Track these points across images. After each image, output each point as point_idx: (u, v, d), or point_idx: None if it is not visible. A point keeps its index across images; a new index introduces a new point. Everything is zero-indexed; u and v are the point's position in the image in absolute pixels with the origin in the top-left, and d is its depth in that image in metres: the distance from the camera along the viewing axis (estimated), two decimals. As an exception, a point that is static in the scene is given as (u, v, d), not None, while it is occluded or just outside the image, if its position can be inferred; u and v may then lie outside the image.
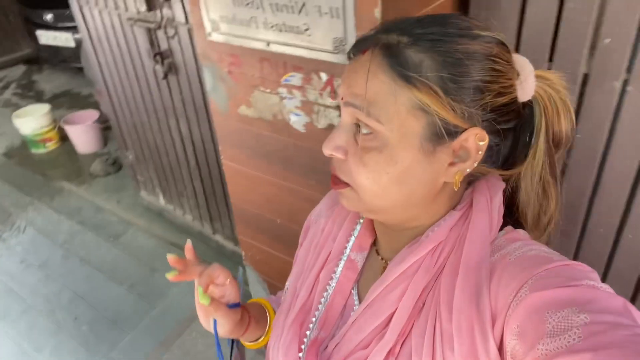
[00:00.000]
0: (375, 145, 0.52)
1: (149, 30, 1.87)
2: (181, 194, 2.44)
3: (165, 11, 1.74)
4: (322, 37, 1.00)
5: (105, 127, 3.61)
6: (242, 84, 1.22)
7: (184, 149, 2.18)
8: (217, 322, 0.68)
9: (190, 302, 2.17)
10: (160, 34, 1.85)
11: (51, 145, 3.61)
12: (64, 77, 4.96)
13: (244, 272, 0.84)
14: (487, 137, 0.52)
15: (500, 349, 0.48)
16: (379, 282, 0.57)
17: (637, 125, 1.04)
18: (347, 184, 0.56)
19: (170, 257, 0.66)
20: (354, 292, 0.65)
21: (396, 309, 0.55)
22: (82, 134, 3.46)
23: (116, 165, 3.31)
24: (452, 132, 0.51)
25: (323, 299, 0.65)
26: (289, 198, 1.35)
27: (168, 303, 2.26)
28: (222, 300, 0.69)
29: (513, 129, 0.57)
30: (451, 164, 0.53)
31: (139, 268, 2.49)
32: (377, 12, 0.91)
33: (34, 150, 3.60)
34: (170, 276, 0.66)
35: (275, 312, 0.81)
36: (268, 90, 1.18)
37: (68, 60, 4.62)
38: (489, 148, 0.54)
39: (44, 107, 3.61)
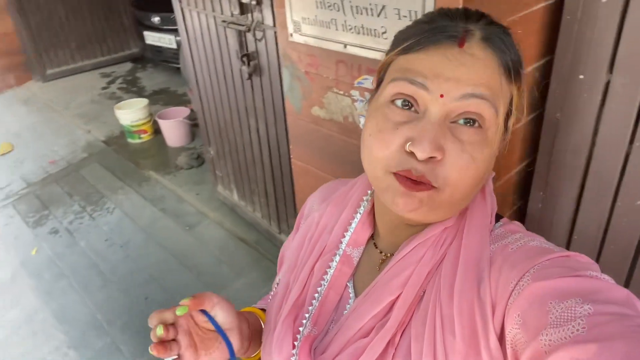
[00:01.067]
0: (482, 139, 0.51)
1: (239, 33, 1.97)
2: (253, 191, 2.53)
3: (256, 15, 1.83)
4: (398, 41, 0.99)
5: (194, 124, 3.84)
6: (317, 85, 1.25)
7: (260, 149, 2.27)
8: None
9: (250, 296, 2.23)
10: (249, 36, 1.94)
11: (145, 137, 3.92)
12: (163, 75, 5.37)
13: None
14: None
15: (501, 338, 0.47)
16: (389, 265, 0.58)
17: None
18: (431, 187, 0.51)
19: (184, 302, 0.59)
20: (350, 285, 0.64)
21: (399, 296, 0.55)
22: (173, 129, 3.72)
23: (199, 159, 3.51)
24: (507, 117, 0.55)
25: (317, 294, 0.64)
26: (352, 202, 1.34)
27: (229, 295, 2.34)
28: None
29: None
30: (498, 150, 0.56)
31: (208, 258, 2.61)
32: (457, 17, 0.89)
33: (130, 140, 3.92)
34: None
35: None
36: (341, 92, 1.19)
37: (169, 60, 5.01)
38: None
39: (143, 102, 3.93)
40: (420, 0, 0.92)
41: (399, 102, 0.53)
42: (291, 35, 1.24)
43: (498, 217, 0.60)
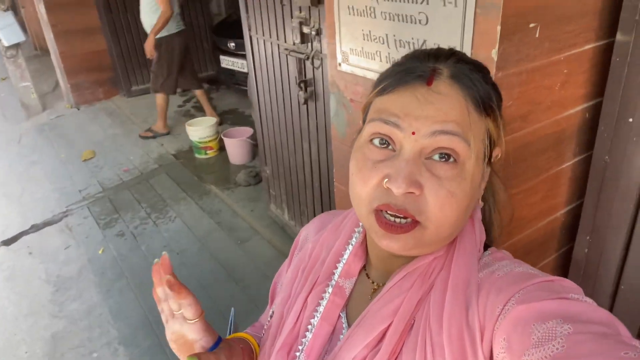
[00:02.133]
0: (458, 173, 0.52)
1: (299, 60, 2.08)
2: (303, 212, 2.60)
3: (315, 44, 1.93)
4: (436, 74, 1.02)
5: (255, 144, 4.01)
6: (360, 113, 1.29)
7: (311, 171, 2.34)
8: None
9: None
10: (307, 64, 2.04)
11: (211, 153, 4.14)
12: (234, 97, 5.67)
13: (235, 313, 0.84)
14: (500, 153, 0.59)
15: None
16: (380, 295, 0.59)
17: None
18: (412, 225, 0.52)
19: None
20: (343, 315, 0.65)
21: (390, 324, 0.55)
22: (236, 147, 3.91)
23: (257, 178, 3.65)
24: (490, 156, 0.58)
25: (310, 325, 0.64)
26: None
27: (272, 311, 2.39)
28: (198, 344, 0.66)
29: None
30: (482, 182, 0.59)
31: (255, 273, 2.70)
32: (494, 53, 0.90)
33: (197, 155, 4.16)
34: None
35: (259, 344, 0.77)
36: (382, 121, 1.23)
37: (240, 83, 5.29)
38: None
39: (212, 120, 4.17)
40: (459, 35, 0.95)
41: (376, 141, 0.55)
42: (339, 64, 1.30)
43: (487, 247, 0.61)
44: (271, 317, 0.73)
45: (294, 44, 2.08)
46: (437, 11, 0.98)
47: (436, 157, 0.52)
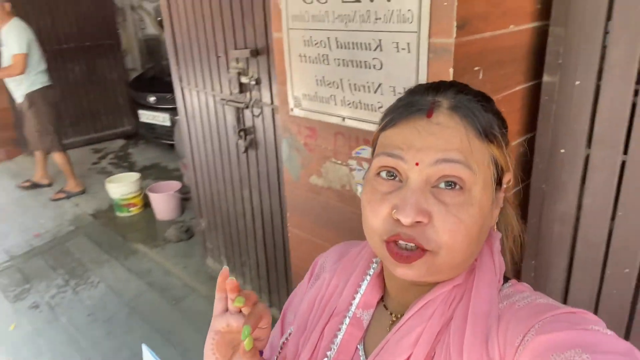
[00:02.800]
0: (466, 200, 0.53)
1: (237, 109, 2.08)
2: (244, 263, 2.52)
3: (254, 93, 1.95)
4: (394, 114, 1.08)
5: (184, 198, 3.87)
6: (315, 155, 1.31)
7: (252, 220, 2.29)
8: None
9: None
10: (247, 112, 2.05)
11: (134, 210, 3.91)
12: (155, 151, 5.48)
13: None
14: (512, 179, 0.60)
15: None
16: (398, 325, 0.58)
17: None
18: (423, 252, 0.53)
19: (230, 282, 0.58)
20: (360, 348, 0.64)
21: (411, 354, 0.55)
22: (163, 202, 3.74)
23: (188, 232, 3.49)
24: (500, 181, 0.59)
25: (326, 358, 0.64)
26: (349, 269, 1.36)
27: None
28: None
29: None
30: (495, 208, 0.60)
31: (195, 333, 2.52)
32: (448, 94, 0.98)
33: (119, 213, 3.91)
34: (239, 304, 0.57)
35: None
36: (339, 162, 1.26)
37: (161, 137, 5.15)
38: None
39: (135, 176, 3.98)
40: (414, 78, 1.02)
41: (384, 174, 0.57)
42: (292, 109, 1.33)
43: (506, 279, 0.61)
44: (287, 338, 0.72)
45: (231, 93, 2.08)
46: (391, 57, 1.04)
47: (442, 185, 0.54)
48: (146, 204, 3.94)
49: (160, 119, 4.99)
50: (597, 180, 1.14)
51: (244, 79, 1.95)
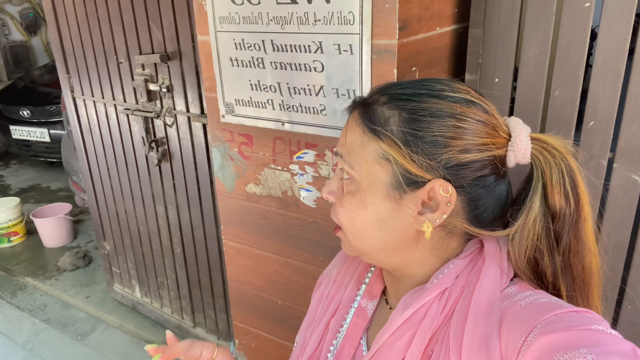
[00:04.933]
0: (351, 189, 0.59)
1: (146, 119, 1.93)
2: (162, 284, 2.34)
3: (166, 101, 1.82)
4: (339, 117, 1.08)
5: (76, 220, 3.50)
6: (252, 163, 1.26)
7: (169, 237, 2.14)
8: None
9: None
10: (158, 122, 1.91)
11: (16, 239, 3.44)
12: (32, 171, 4.88)
13: (236, 344, 0.88)
14: (451, 190, 0.54)
15: None
16: (383, 330, 0.58)
17: (623, 200, 1.14)
18: (339, 228, 0.62)
19: (149, 348, 0.72)
20: (363, 341, 0.65)
21: (403, 358, 0.55)
22: (52, 227, 3.34)
23: (86, 258, 3.16)
24: (416, 182, 0.55)
25: (332, 347, 0.65)
26: (293, 276, 1.33)
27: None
28: None
29: (494, 188, 0.57)
30: (420, 214, 0.56)
31: (110, 369, 2.29)
32: (391, 94, 1.00)
33: (-3, 245, 3.41)
34: (149, 349, 0.72)
35: None
36: (279, 168, 1.22)
37: (39, 155, 4.60)
38: (468, 203, 0.56)
39: (13, 200, 3.49)
40: (357, 79, 1.02)
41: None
42: (223, 116, 1.26)
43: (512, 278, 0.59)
44: (295, 345, 0.75)
45: (137, 102, 1.92)
46: (333, 59, 1.04)
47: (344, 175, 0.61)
48: (30, 231, 3.50)
49: (37, 134, 4.46)
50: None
51: (152, 86, 1.81)
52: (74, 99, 2.23)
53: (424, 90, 0.56)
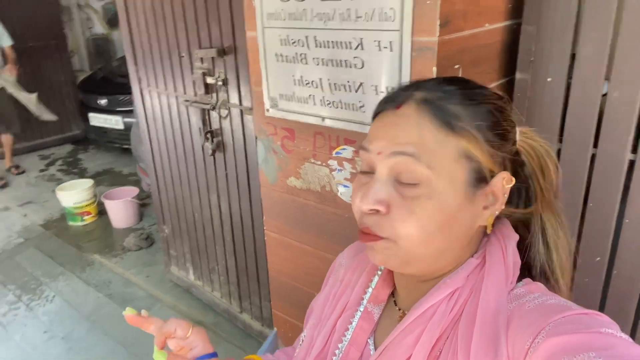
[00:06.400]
0: (423, 193, 0.53)
1: (203, 111, 2.02)
2: (212, 270, 2.45)
3: (221, 94, 1.90)
4: (376, 113, 1.07)
5: (142, 204, 3.73)
6: (293, 156, 1.29)
7: (221, 225, 2.23)
8: None
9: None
10: (213, 114, 1.99)
11: (88, 219, 3.73)
12: (108, 156, 5.25)
13: (275, 334, 0.87)
14: (513, 180, 0.57)
15: None
16: (396, 328, 0.58)
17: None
18: (379, 237, 0.55)
19: (128, 314, 0.72)
20: (370, 342, 0.65)
21: (411, 355, 0.55)
22: (120, 209, 3.58)
23: (149, 240, 3.37)
24: (488, 177, 0.56)
25: (338, 350, 0.65)
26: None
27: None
28: (190, 354, 0.72)
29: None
30: (485, 207, 0.57)
31: (162, 345, 2.43)
32: (431, 92, 0.98)
33: (71, 223, 3.71)
34: (127, 314, 0.72)
35: None
36: (319, 163, 1.24)
37: (114, 141, 4.94)
38: (512, 190, 0.59)
39: (87, 182, 3.79)
40: (396, 77, 1.01)
41: (364, 169, 0.59)
42: (268, 110, 1.30)
43: (520, 278, 0.59)
44: (302, 342, 0.73)
45: (196, 94, 2.02)
46: (373, 56, 1.04)
47: (403, 178, 0.54)
48: (101, 212, 3.77)
49: (112, 122, 4.79)
50: (567, 175, 1.18)
51: (209, 80, 1.89)
52: (140, 90, 2.38)
53: (471, 86, 0.59)
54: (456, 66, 1.04)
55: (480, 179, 0.56)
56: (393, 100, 0.58)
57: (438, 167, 0.53)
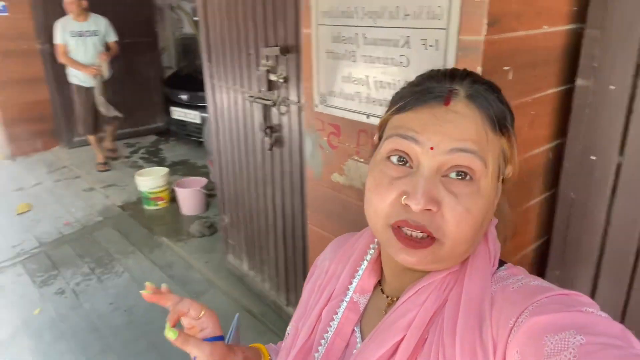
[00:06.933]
0: (474, 191, 0.53)
1: (264, 107, 2.10)
2: (264, 261, 2.53)
3: (282, 91, 1.96)
4: (419, 113, 1.06)
5: (209, 195, 3.93)
6: (338, 152, 1.31)
7: (274, 218, 2.30)
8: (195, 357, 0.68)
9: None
10: (274, 110, 2.06)
11: (161, 204, 3.99)
12: (185, 148, 5.58)
13: (238, 318, 0.87)
14: (511, 173, 0.60)
15: None
16: (391, 310, 0.59)
17: None
18: (432, 240, 0.53)
19: (147, 289, 0.74)
20: (357, 330, 0.65)
21: (403, 337, 0.55)
22: (189, 197, 3.80)
23: (212, 228, 3.54)
24: (505, 173, 0.59)
25: (323, 340, 0.65)
26: (367, 269, 1.35)
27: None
28: (200, 334, 0.73)
29: None
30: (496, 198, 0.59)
31: (212, 328, 2.54)
32: (475, 93, 0.95)
33: (146, 207, 3.99)
34: (145, 294, 0.73)
35: (269, 356, 0.81)
36: (361, 160, 1.25)
37: (191, 134, 5.25)
38: None
39: (163, 170, 4.06)
40: (441, 77, 1.00)
41: (394, 159, 0.56)
42: (316, 106, 1.33)
43: (502, 263, 0.61)
44: (287, 334, 0.74)
45: (259, 91, 2.10)
46: (418, 54, 1.03)
47: (453, 174, 0.53)
48: (173, 199, 4.02)
49: (191, 116, 5.09)
50: (628, 189, 1.09)
51: (272, 77, 1.96)
52: (212, 86, 2.52)
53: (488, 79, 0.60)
54: (505, 68, 1.00)
55: (500, 174, 0.58)
56: (436, 94, 0.55)
57: (489, 165, 0.54)
